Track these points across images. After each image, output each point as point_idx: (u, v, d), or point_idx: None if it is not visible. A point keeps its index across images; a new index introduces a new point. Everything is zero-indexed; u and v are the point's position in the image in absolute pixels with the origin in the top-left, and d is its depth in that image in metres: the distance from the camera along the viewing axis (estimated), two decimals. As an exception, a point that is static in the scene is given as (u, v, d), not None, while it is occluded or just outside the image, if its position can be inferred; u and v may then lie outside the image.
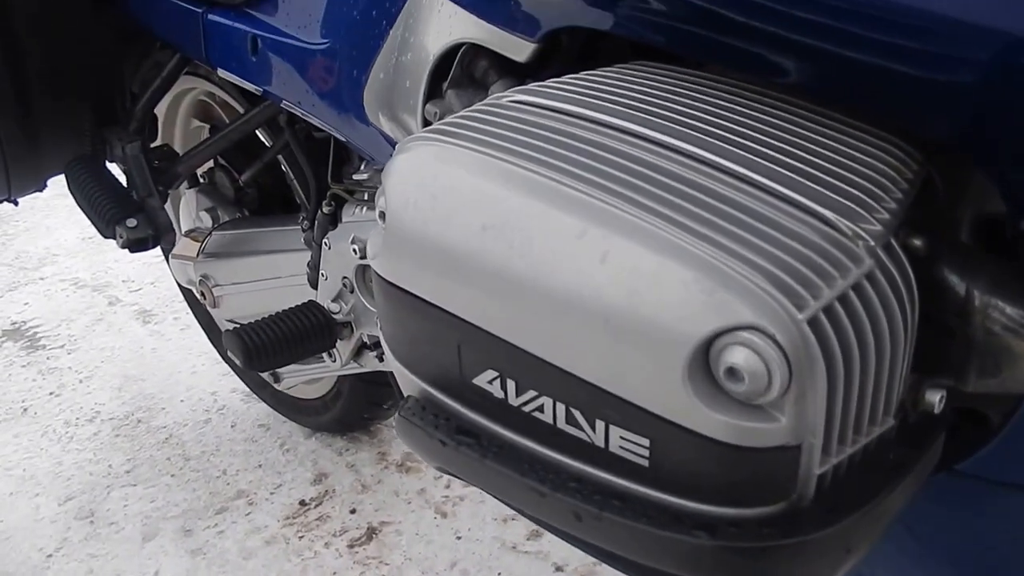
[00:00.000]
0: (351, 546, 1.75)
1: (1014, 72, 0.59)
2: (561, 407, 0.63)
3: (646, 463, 0.60)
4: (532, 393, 0.64)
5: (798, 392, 0.55)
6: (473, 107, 0.74)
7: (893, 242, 0.61)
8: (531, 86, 0.77)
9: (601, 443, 0.62)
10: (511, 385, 0.65)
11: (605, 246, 0.58)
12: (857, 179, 0.64)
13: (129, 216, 1.50)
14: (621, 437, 0.61)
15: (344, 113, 1.23)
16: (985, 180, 0.67)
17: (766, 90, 0.75)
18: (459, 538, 1.76)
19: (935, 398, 0.66)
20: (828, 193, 0.62)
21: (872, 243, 0.59)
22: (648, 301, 0.57)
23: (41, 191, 1.63)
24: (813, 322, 0.55)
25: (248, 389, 2.14)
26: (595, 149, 0.65)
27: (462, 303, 0.65)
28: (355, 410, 1.90)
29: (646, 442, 0.60)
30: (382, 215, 0.70)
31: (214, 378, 2.26)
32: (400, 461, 1.95)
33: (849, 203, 0.61)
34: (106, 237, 1.53)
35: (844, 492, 0.60)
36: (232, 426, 2.11)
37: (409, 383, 0.74)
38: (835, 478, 0.60)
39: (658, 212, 0.59)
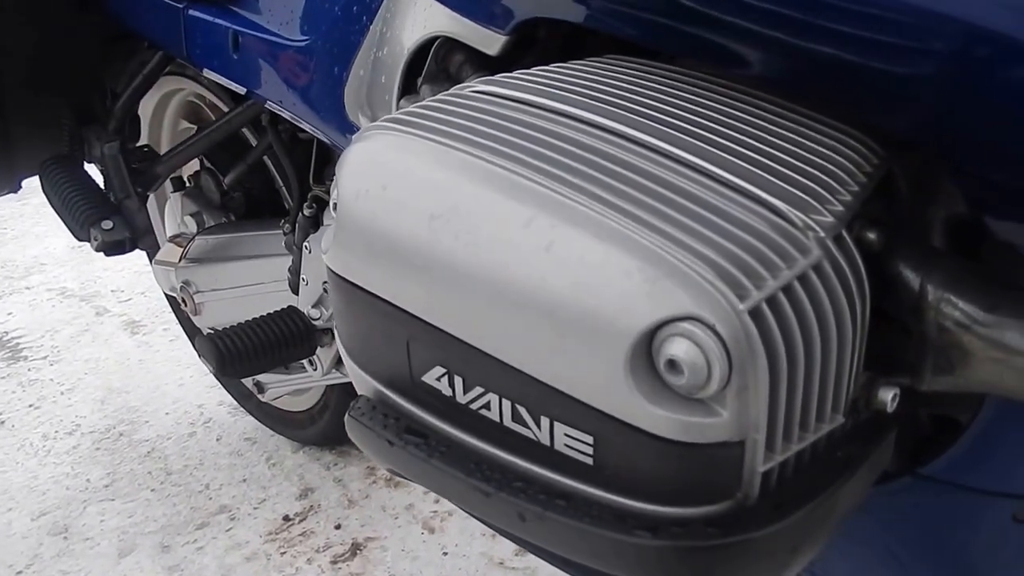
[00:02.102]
0: (334, 562, 1.76)
1: (970, 65, 0.60)
2: (507, 404, 0.64)
3: (590, 461, 0.62)
4: (479, 390, 0.66)
5: (739, 385, 0.56)
6: (434, 97, 0.76)
7: (845, 234, 0.62)
8: (496, 77, 0.79)
9: (546, 441, 0.63)
10: (458, 382, 0.66)
11: (551, 235, 0.60)
12: (813, 171, 0.65)
13: (105, 218, 1.52)
14: (566, 434, 0.62)
15: (325, 112, 1.25)
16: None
17: (736, 84, 0.76)
18: (445, 554, 1.77)
19: (888, 396, 0.67)
20: (781, 184, 0.63)
21: (822, 234, 0.61)
22: (592, 292, 0.58)
23: (15, 192, 1.65)
24: (755, 313, 0.56)
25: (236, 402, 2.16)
26: (548, 137, 0.66)
27: (410, 296, 0.67)
28: (342, 424, 1.91)
29: (590, 439, 0.61)
30: (335, 206, 0.72)
31: (201, 391, 2.27)
32: (388, 476, 1.96)
33: (802, 194, 0.63)
34: (80, 239, 1.55)
35: (790, 490, 0.61)
36: (217, 439, 2.12)
37: (363, 383, 0.75)
38: (781, 476, 0.61)
39: (606, 200, 0.60)
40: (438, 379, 0.68)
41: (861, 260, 0.63)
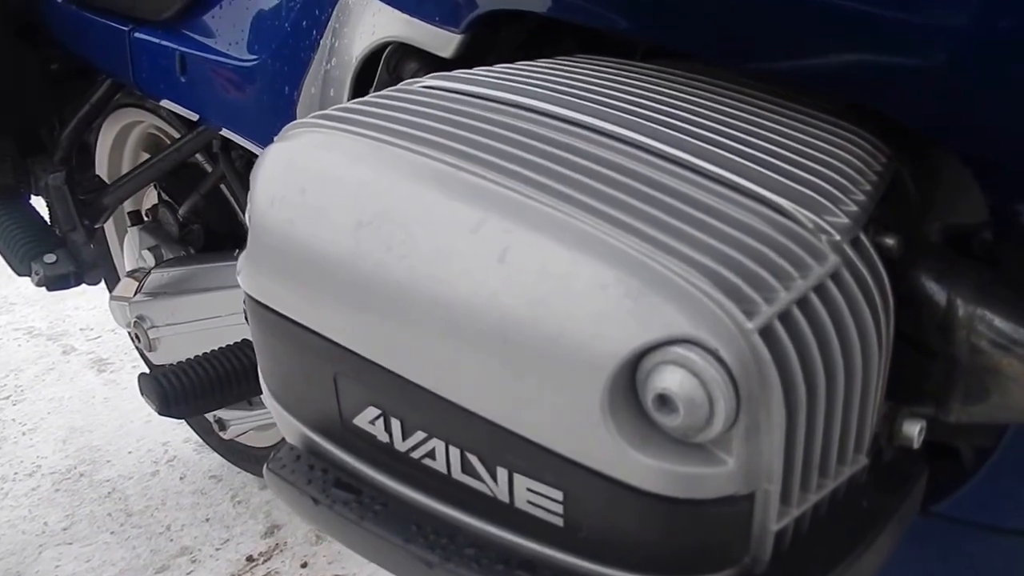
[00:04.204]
0: (299, 604, 1.60)
1: (991, 39, 0.47)
2: (455, 452, 0.49)
3: (560, 522, 0.47)
4: (421, 435, 0.51)
5: (748, 424, 0.41)
6: (376, 93, 0.62)
7: (863, 237, 0.48)
8: (449, 73, 0.65)
9: (505, 497, 0.48)
10: (396, 425, 0.51)
11: (505, 241, 0.45)
12: (820, 168, 0.52)
13: (48, 252, 1.36)
14: (529, 489, 0.47)
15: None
16: (953, 186, 0.57)
17: (723, 82, 0.63)
18: (414, 596, 1.60)
19: (914, 430, 0.53)
20: (785, 181, 0.49)
21: (838, 238, 0.47)
22: (557, 310, 0.43)
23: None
24: (766, 333, 0.42)
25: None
26: (504, 131, 0.53)
27: (335, 322, 0.52)
28: (307, 460, 1.75)
29: (559, 495, 0.46)
30: (249, 218, 0.57)
31: (167, 428, 2.10)
32: (355, 514, 1.80)
33: (811, 192, 0.49)
34: (20, 274, 1.39)
35: (808, 553, 0.46)
36: (181, 478, 1.95)
37: (288, 427, 0.60)
38: (797, 535, 0.47)
39: (574, 199, 0.46)
40: (372, 422, 0.52)
41: (882, 267, 0.49)
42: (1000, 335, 0.51)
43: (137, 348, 1.96)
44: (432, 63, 0.81)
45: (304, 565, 1.70)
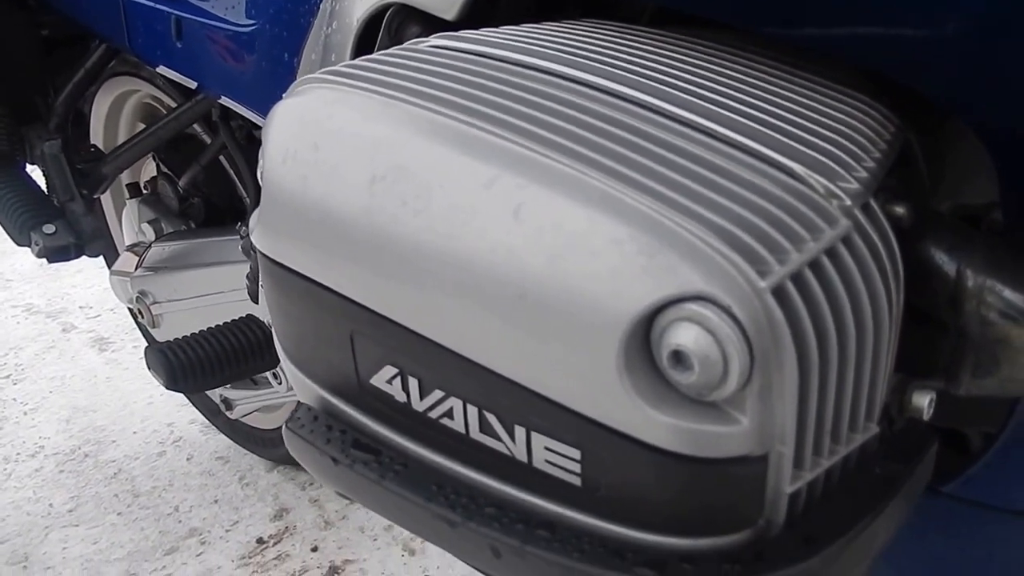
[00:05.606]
0: (311, 587, 1.63)
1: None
2: (473, 411, 0.52)
3: (578, 481, 0.49)
4: (439, 394, 0.53)
5: (762, 383, 0.43)
6: (383, 51, 0.64)
7: (873, 204, 0.50)
8: (456, 33, 0.67)
9: (523, 456, 0.50)
10: (413, 384, 0.54)
11: (519, 197, 0.47)
12: (830, 135, 0.54)
13: (47, 222, 1.38)
14: (546, 448, 0.50)
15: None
16: (961, 165, 0.59)
17: (729, 47, 0.64)
18: (427, 577, 1.64)
19: (924, 401, 0.55)
20: (796, 146, 0.52)
21: (849, 202, 0.49)
22: (572, 266, 0.46)
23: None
24: (779, 292, 0.44)
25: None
26: (517, 91, 0.55)
27: (350, 279, 0.54)
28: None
29: (576, 454, 0.49)
30: (261, 175, 0.59)
31: (171, 408, 2.13)
32: (366, 493, 1.82)
33: (822, 157, 0.51)
34: (20, 245, 1.41)
35: (822, 516, 0.49)
36: (188, 459, 1.99)
37: (304, 388, 0.62)
38: (810, 498, 0.49)
39: (588, 158, 0.48)
40: (389, 381, 0.55)
41: (892, 233, 0.51)
42: (1010, 306, 0.53)
43: (139, 325, 1.99)
44: (434, 27, 0.82)
45: (314, 549, 1.72)
